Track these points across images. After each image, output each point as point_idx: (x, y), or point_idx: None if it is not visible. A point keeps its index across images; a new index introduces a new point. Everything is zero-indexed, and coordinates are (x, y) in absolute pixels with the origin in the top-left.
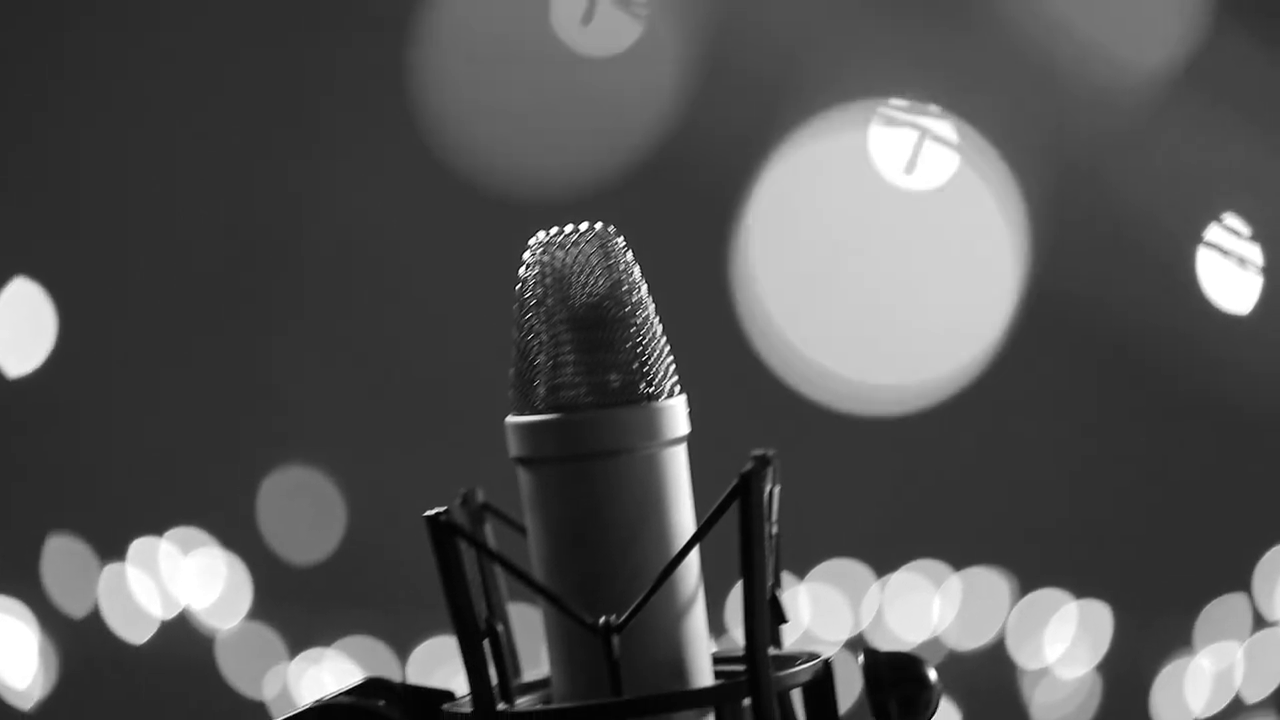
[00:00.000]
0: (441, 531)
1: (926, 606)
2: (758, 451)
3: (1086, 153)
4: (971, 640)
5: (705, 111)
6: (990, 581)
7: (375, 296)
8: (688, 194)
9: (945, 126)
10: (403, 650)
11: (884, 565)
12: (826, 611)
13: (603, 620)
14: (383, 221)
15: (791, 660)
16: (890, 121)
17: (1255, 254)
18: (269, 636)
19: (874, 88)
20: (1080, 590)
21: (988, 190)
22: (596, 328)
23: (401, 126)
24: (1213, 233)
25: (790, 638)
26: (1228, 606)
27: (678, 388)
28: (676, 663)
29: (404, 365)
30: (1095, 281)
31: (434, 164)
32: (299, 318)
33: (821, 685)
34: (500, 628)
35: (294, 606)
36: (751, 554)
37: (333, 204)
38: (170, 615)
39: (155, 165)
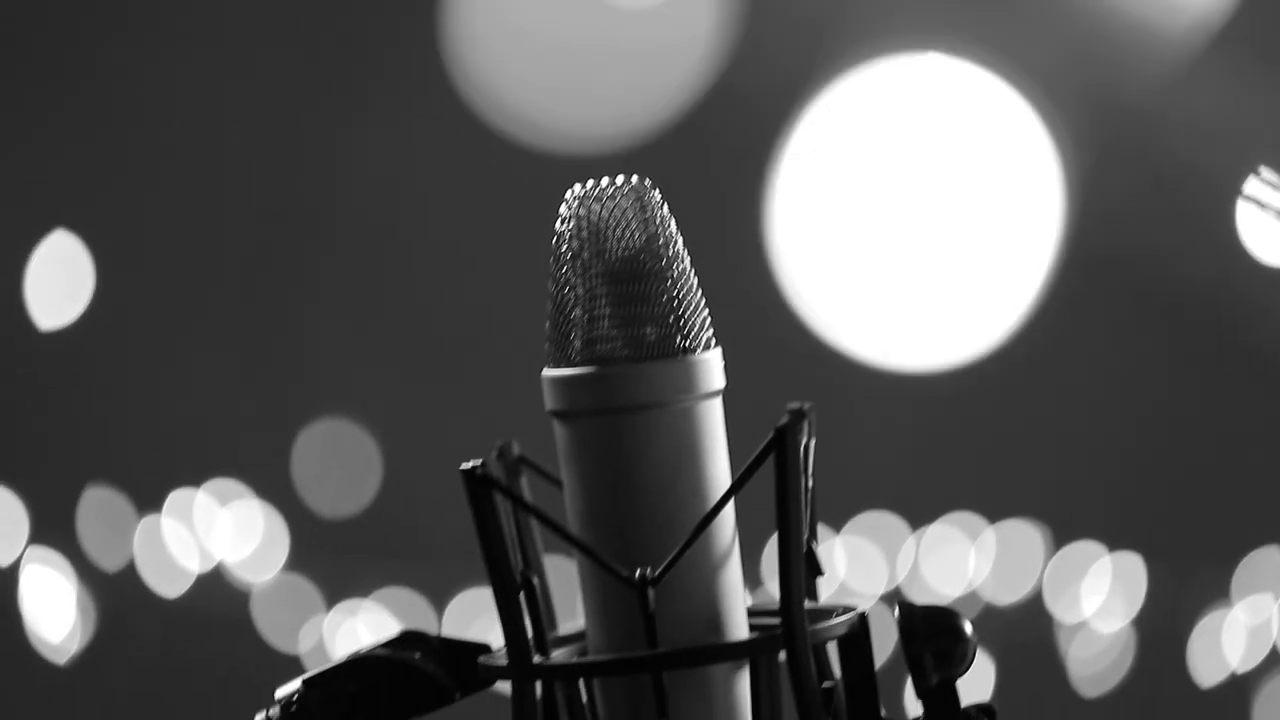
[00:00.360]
0: (477, 484)
1: (962, 559)
2: (793, 405)
3: (1126, 105)
4: (1007, 594)
5: (740, 65)
6: (1025, 534)
7: (412, 250)
8: (723, 147)
9: (982, 80)
10: (439, 602)
11: (919, 518)
12: (862, 565)
13: (638, 573)
14: (419, 176)
15: (827, 613)
16: (928, 76)
17: None
18: (305, 588)
19: (911, 41)
20: (1115, 543)
21: (1028, 144)
22: (632, 281)
23: (437, 81)
24: (1251, 185)
25: (826, 591)
26: (1264, 559)
27: (713, 341)
28: (712, 616)
29: (440, 318)
30: (1134, 235)
31: (469, 117)
32: (336, 270)
33: (857, 638)
34: (536, 581)
35: (330, 558)
36: (787, 507)
37: (369, 158)
38: (206, 568)
39: (195, 121)
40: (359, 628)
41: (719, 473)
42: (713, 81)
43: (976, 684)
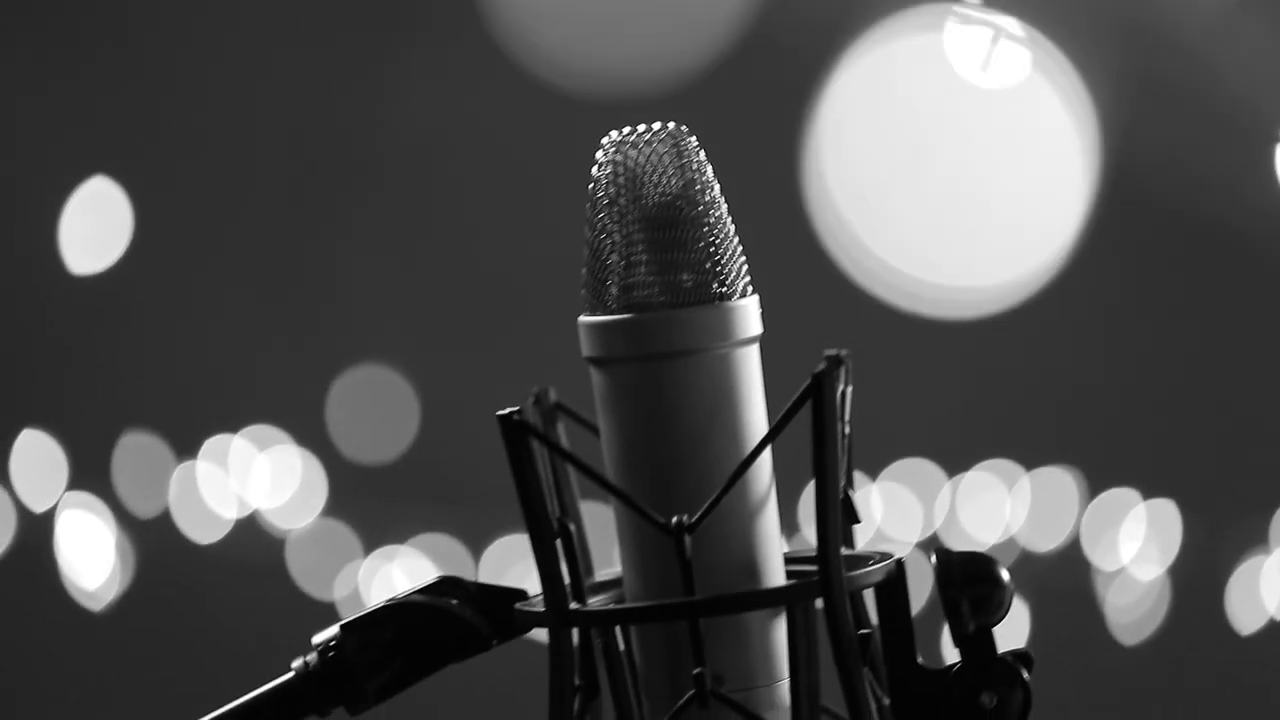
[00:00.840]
0: (514, 430)
1: (998, 506)
2: (830, 352)
3: (1159, 45)
4: (1044, 540)
5: (779, 10)
6: (1061, 481)
7: (449, 196)
8: (761, 93)
9: (1018, 24)
10: (476, 548)
11: (956, 465)
12: (899, 512)
13: (675, 520)
14: (457, 121)
15: (864, 560)
16: (964, 20)
17: None
18: (343, 533)
19: None
20: (1151, 490)
21: (1061, 87)
22: (669, 227)
23: (475, 26)
24: None
25: (863, 538)
26: None
27: (750, 288)
28: (748, 562)
29: (478, 264)
30: (1167, 178)
31: (507, 63)
32: (375, 217)
33: (894, 585)
34: (572, 527)
35: (368, 504)
36: (824, 454)
37: (409, 103)
38: (244, 514)
39: (234, 68)
40: (396, 573)
41: (756, 419)
42: (750, 25)
43: (1013, 631)
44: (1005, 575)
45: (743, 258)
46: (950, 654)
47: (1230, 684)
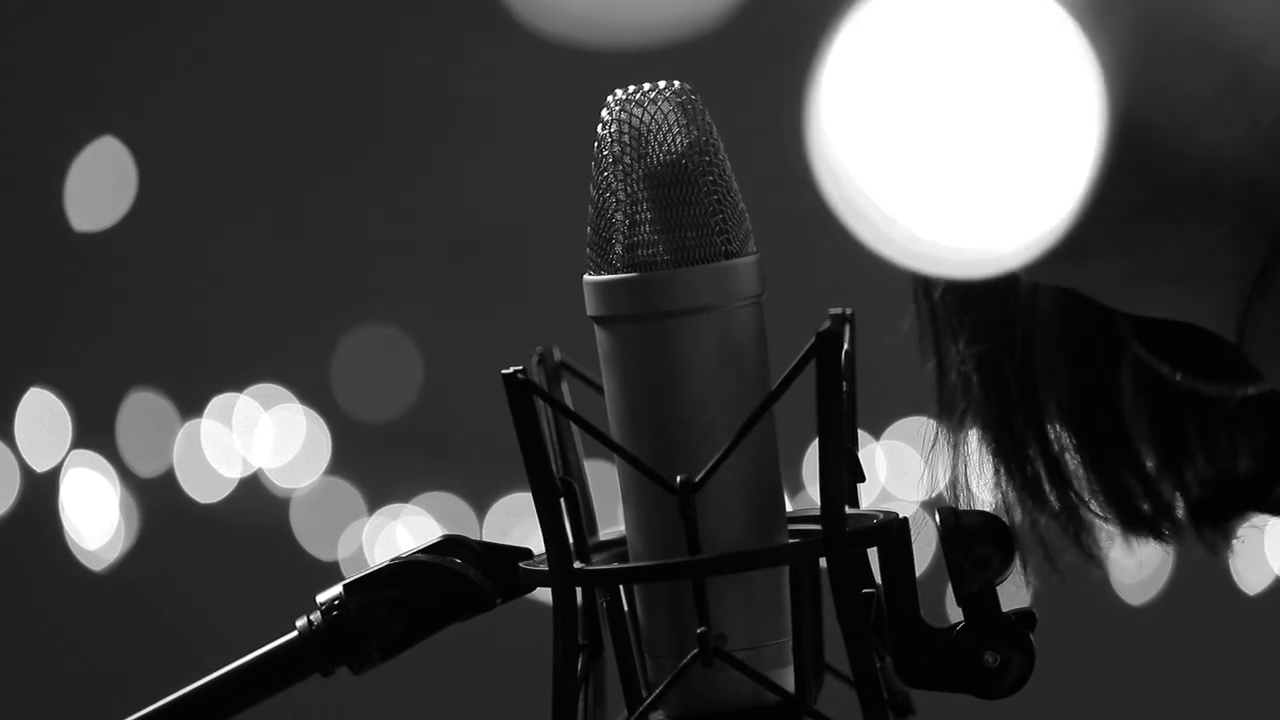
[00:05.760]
0: (518, 389)
1: None
2: (835, 310)
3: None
4: None
5: None
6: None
7: (454, 155)
8: (764, 48)
9: None
10: (480, 507)
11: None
12: (903, 470)
13: (679, 479)
14: (461, 80)
15: (868, 519)
16: None
17: None
18: (348, 491)
19: None
20: None
21: (1069, 39)
22: (674, 186)
23: None
24: None
25: (867, 497)
26: None
27: (754, 246)
28: (753, 521)
29: (482, 223)
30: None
31: (511, 21)
32: (378, 175)
33: (898, 544)
34: (577, 486)
35: (372, 462)
36: (828, 412)
37: (411, 62)
38: (248, 473)
39: (240, 29)
40: (400, 532)
41: (761, 378)
42: None
43: (1017, 591)
44: (1009, 535)
45: (747, 216)
46: (954, 613)
47: (1236, 644)
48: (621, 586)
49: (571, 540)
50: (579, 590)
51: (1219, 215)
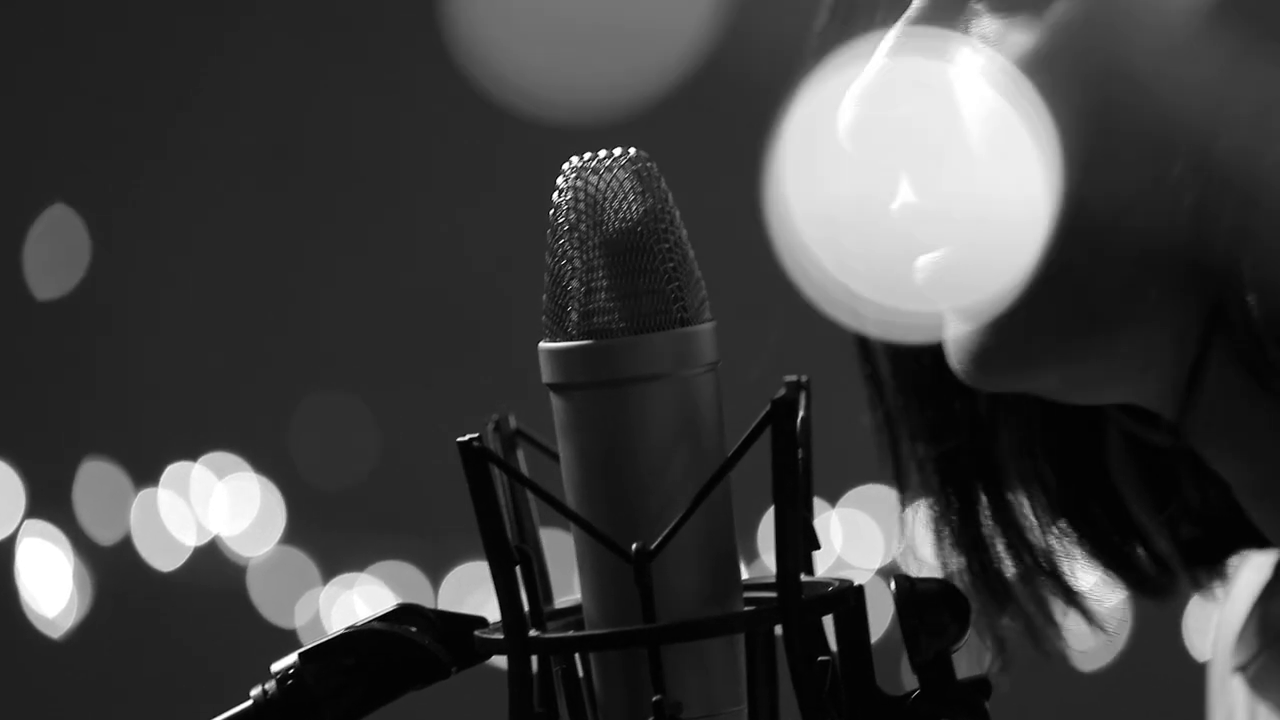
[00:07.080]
0: (474, 457)
1: None
2: (790, 378)
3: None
4: None
5: (739, 34)
6: None
7: (410, 222)
8: (720, 118)
9: (979, 55)
10: (435, 576)
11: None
12: (858, 538)
13: (635, 546)
14: (416, 146)
15: (823, 587)
16: (924, 49)
17: None
18: (302, 561)
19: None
20: None
21: (1021, 112)
22: (630, 253)
23: (434, 50)
24: None
25: (822, 564)
26: None
27: (709, 313)
28: (708, 589)
29: (437, 291)
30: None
31: (466, 88)
32: (334, 244)
33: (853, 612)
34: (532, 554)
35: (327, 531)
36: (784, 480)
37: (365, 127)
38: (203, 541)
39: (189, 89)
40: (355, 601)
41: (717, 445)
42: (711, 51)
43: (972, 659)
44: (964, 603)
45: (702, 284)
46: (910, 680)
47: (1190, 710)
48: (577, 654)
49: (527, 608)
50: (534, 658)
51: (1151, 311)
